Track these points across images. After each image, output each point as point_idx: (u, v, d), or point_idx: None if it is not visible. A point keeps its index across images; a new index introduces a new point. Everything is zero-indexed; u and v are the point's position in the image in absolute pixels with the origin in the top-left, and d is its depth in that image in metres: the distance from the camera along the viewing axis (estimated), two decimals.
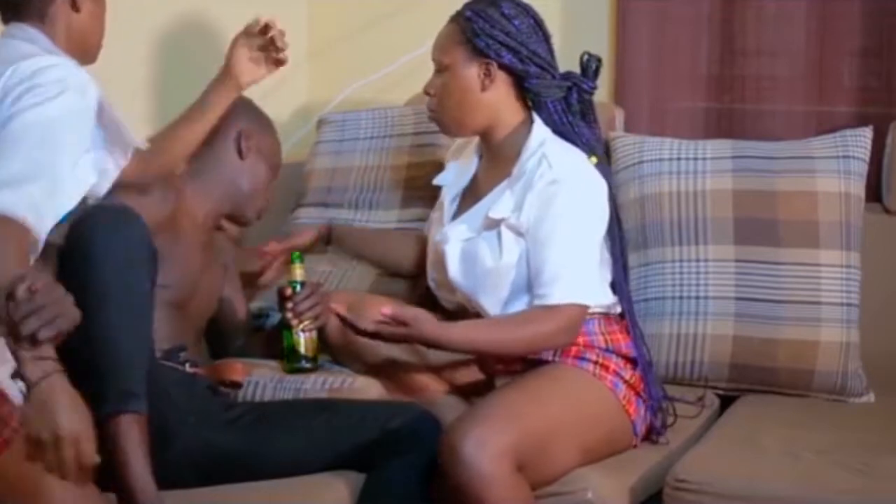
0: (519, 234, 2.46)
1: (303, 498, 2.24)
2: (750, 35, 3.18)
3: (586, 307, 2.45)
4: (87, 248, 2.10)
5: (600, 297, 2.50)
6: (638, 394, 2.49)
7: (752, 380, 2.80)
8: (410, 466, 2.29)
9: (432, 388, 2.59)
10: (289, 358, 2.58)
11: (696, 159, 2.90)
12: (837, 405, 2.75)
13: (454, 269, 2.52)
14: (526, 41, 2.51)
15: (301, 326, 2.56)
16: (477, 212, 2.54)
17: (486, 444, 2.18)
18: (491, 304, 2.49)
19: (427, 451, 2.31)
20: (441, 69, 2.54)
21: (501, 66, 2.51)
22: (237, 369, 2.51)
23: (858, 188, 2.83)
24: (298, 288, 2.59)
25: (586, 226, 2.48)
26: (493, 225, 2.49)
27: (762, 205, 2.83)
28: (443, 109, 2.56)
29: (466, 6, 2.55)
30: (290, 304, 2.56)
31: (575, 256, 2.44)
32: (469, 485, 2.18)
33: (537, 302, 2.42)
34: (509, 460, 2.20)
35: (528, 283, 2.46)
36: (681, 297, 2.84)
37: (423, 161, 3.10)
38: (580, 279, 2.43)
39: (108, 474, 2.05)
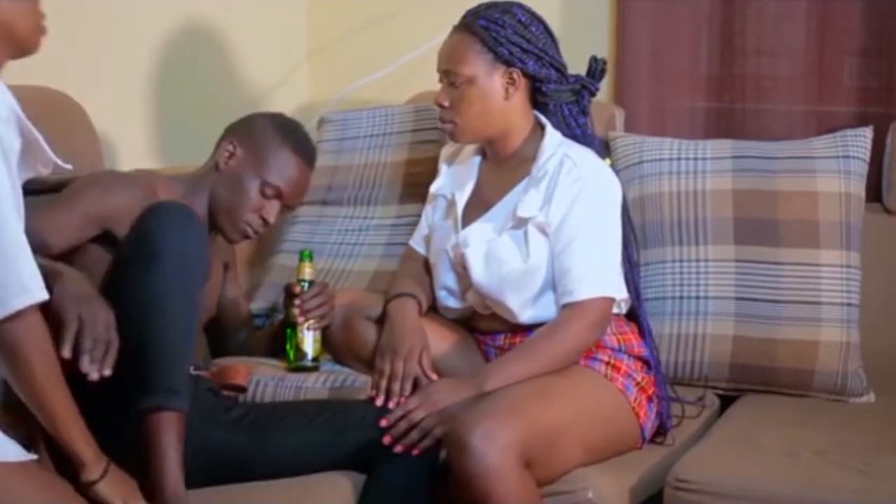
0: (544, 232, 2.46)
1: (303, 498, 2.24)
2: (750, 35, 3.18)
3: (613, 300, 2.47)
4: (155, 245, 2.13)
5: (622, 291, 2.52)
6: (649, 397, 2.49)
7: (753, 380, 2.80)
8: (411, 466, 2.29)
9: None
10: (292, 355, 2.58)
11: (696, 159, 2.90)
12: (837, 405, 2.74)
13: (478, 271, 2.50)
14: (544, 47, 2.51)
15: (307, 324, 2.57)
16: (497, 213, 2.53)
17: (494, 437, 2.18)
18: (517, 303, 2.48)
19: (427, 451, 2.32)
20: (458, 81, 2.49)
21: (524, 74, 2.50)
22: (241, 372, 2.50)
23: (859, 188, 2.82)
24: (307, 286, 2.59)
25: (611, 222, 2.50)
26: (521, 224, 2.48)
27: (762, 205, 2.83)
28: (462, 120, 2.51)
29: (475, 15, 2.51)
30: (297, 302, 2.56)
31: (601, 252, 2.47)
32: (476, 477, 2.17)
33: (565, 299, 2.43)
34: (516, 454, 2.20)
35: (554, 281, 2.46)
36: (681, 297, 2.84)
37: (423, 158, 3.10)
38: (606, 273, 2.46)
39: (138, 468, 2.09)
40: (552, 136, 2.54)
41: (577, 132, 2.57)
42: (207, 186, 2.54)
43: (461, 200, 2.60)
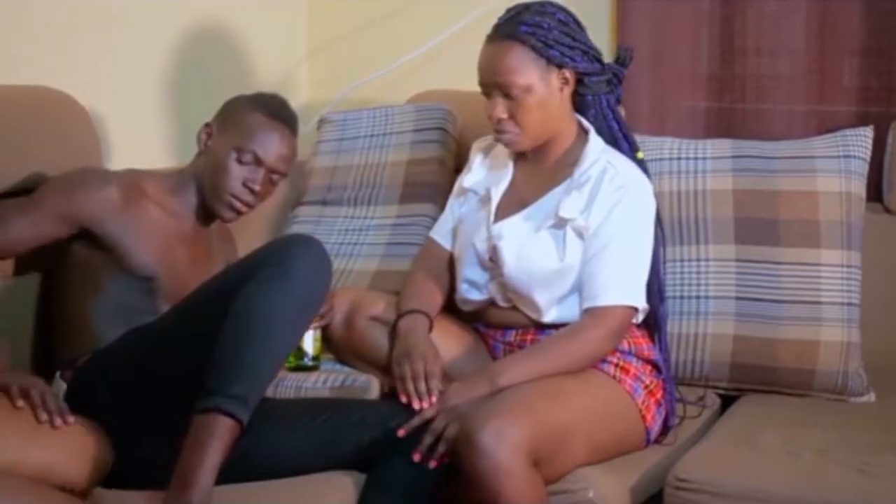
0: (581, 236, 2.47)
1: (303, 498, 2.24)
2: (750, 34, 3.17)
3: (636, 310, 2.48)
4: (294, 268, 2.18)
5: (644, 301, 2.52)
6: (657, 401, 2.50)
7: (753, 379, 2.80)
8: (411, 466, 2.29)
9: None
10: (292, 355, 2.58)
11: (696, 159, 2.90)
12: (838, 405, 2.74)
13: (511, 264, 2.50)
14: (585, 40, 2.50)
15: None
16: (536, 211, 2.53)
17: (504, 436, 2.18)
18: (545, 300, 2.49)
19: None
20: (514, 91, 2.44)
21: (575, 72, 2.49)
22: None
23: (859, 188, 2.82)
24: None
25: (645, 234, 2.51)
26: (561, 224, 2.48)
27: (763, 204, 2.83)
28: (522, 129, 2.48)
29: (514, 22, 2.46)
30: None
31: (631, 262, 2.48)
32: (485, 475, 2.18)
33: (588, 304, 2.44)
34: (525, 453, 2.20)
35: (580, 284, 2.47)
36: (681, 297, 2.83)
37: (423, 158, 3.10)
38: (632, 282, 2.47)
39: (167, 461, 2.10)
40: (595, 141, 2.54)
41: (614, 125, 2.57)
42: (193, 175, 2.55)
43: (496, 196, 2.59)
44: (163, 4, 3.22)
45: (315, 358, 2.59)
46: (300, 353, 2.58)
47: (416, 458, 2.27)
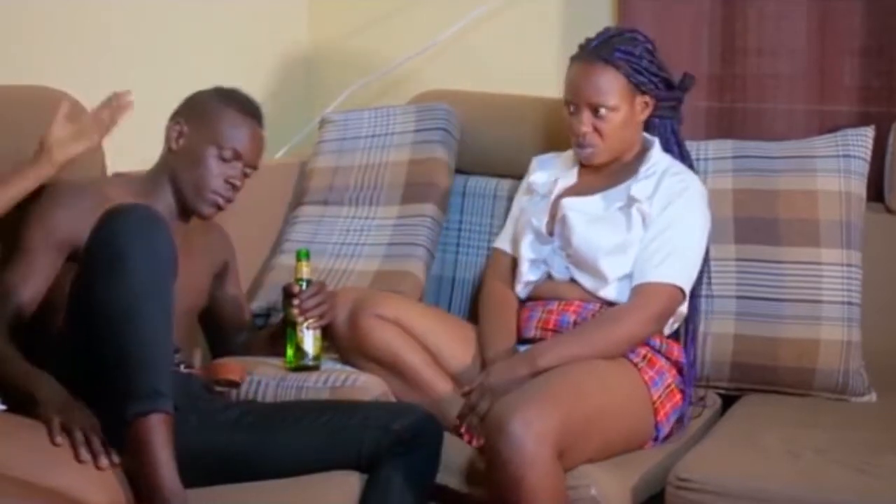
0: (644, 221, 2.57)
1: (304, 498, 2.24)
2: (751, 34, 3.17)
3: (682, 293, 2.58)
4: (121, 249, 2.11)
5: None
6: (675, 403, 2.54)
7: (754, 379, 2.80)
8: (413, 467, 2.29)
9: (437, 386, 2.59)
10: (292, 355, 2.58)
11: (697, 159, 2.90)
12: (839, 404, 2.74)
13: (580, 231, 2.60)
14: (666, 68, 2.67)
15: (306, 324, 2.57)
16: (605, 196, 2.65)
17: (532, 425, 2.22)
18: (611, 270, 2.58)
19: (430, 452, 2.33)
20: (601, 111, 2.61)
21: (656, 98, 2.65)
22: (234, 369, 2.50)
23: (860, 187, 2.83)
24: (305, 286, 2.59)
25: (701, 227, 2.64)
26: (630, 204, 2.59)
27: (763, 204, 2.83)
28: (604, 144, 2.65)
29: (608, 47, 2.62)
30: (296, 301, 2.56)
31: (685, 248, 2.59)
32: (511, 462, 2.21)
33: (638, 279, 2.54)
34: (552, 443, 2.24)
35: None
36: None
37: (424, 158, 3.10)
38: (684, 266, 2.58)
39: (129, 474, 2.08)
40: (658, 149, 2.69)
41: (675, 147, 2.73)
42: (166, 174, 2.54)
43: (563, 183, 2.71)
44: (162, 4, 3.22)
45: (316, 358, 2.59)
46: (301, 353, 2.58)
47: (466, 439, 2.39)
